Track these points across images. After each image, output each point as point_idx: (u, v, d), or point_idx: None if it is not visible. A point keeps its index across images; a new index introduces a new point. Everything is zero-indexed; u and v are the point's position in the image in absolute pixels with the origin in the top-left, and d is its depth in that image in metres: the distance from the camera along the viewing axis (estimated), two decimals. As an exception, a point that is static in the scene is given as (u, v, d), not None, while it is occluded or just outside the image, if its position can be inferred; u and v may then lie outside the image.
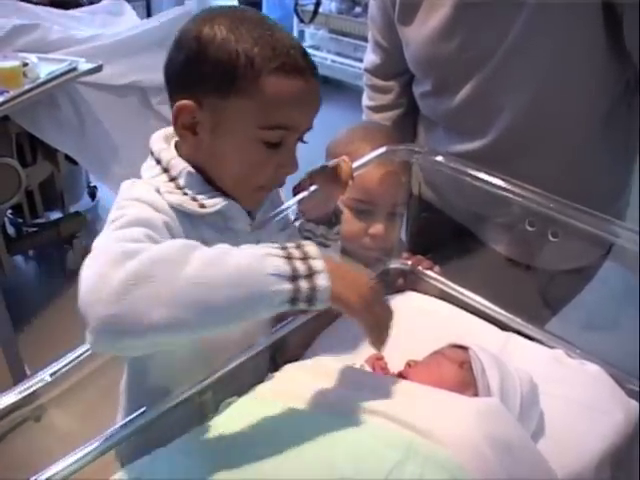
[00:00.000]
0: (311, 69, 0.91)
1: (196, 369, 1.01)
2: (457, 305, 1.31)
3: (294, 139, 0.94)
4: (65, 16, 2.93)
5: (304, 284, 0.79)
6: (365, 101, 1.64)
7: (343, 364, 1.04)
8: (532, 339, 1.24)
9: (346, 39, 4.62)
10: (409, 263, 1.38)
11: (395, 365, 1.09)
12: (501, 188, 1.20)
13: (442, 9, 1.29)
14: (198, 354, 0.99)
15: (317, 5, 4.51)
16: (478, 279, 1.37)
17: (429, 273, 1.37)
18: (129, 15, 3.23)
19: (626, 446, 1.04)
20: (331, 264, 0.83)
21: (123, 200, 0.89)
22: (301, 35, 4.95)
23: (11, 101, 2.15)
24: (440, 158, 1.29)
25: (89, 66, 2.43)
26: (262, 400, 0.99)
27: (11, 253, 2.79)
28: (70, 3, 3.08)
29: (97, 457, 0.89)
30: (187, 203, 0.91)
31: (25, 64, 2.28)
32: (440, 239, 1.48)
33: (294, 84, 0.89)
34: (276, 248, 0.81)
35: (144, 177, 0.96)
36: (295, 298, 0.79)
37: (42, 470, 0.84)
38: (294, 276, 0.78)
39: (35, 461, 0.88)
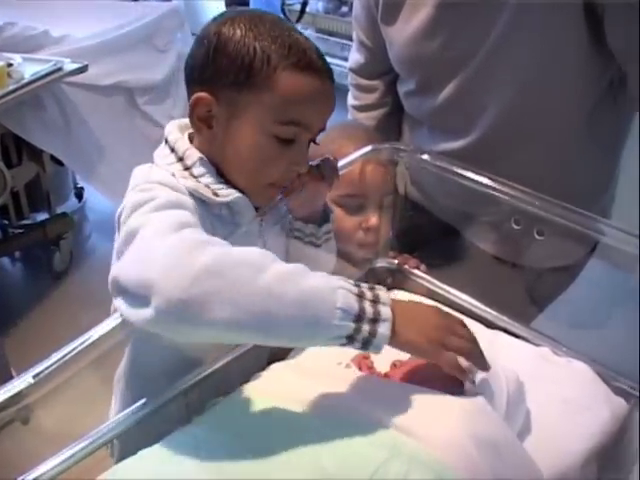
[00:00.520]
0: (326, 70, 0.94)
1: (195, 363, 1.02)
2: (444, 304, 1.30)
3: (307, 138, 0.96)
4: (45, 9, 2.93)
5: (366, 327, 0.80)
6: (350, 100, 1.64)
7: (329, 363, 1.04)
8: (518, 337, 1.24)
9: (333, 39, 4.60)
10: (395, 262, 1.38)
11: (382, 364, 1.09)
12: (486, 186, 1.20)
13: (424, 9, 1.30)
14: (197, 348, 1.00)
15: (304, 5, 4.50)
16: (465, 277, 1.38)
17: (416, 272, 1.36)
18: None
19: (612, 444, 1.04)
20: (400, 307, 0.84)
21: (145, 183, 0.90)
22: (288, 35, 4.94)
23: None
24: (426, 156, 1.29)
25: (74, 66, 2.42)
26: (247, 400, 0.98)
27: (-3, 255, 2.78)
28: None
29: (83, 458, 0.89)
30: (202, 189, 0.93)
31: (9, 64, 2.27)
32: (426, 238, 1.48)
33: (309, 81, 0.91)
34: (350, 284, 0.82)
35: (158, 163, 0.97)
36: (353, 338, 0.80)
37: (29, 470, 0.84)
38: (359, 316, 0.80)
39: (22, 461, 0.87)
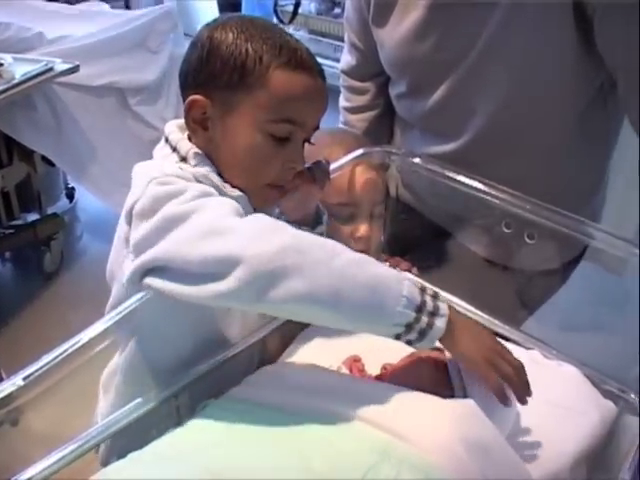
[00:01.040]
0: (318, 69, 0.96)
1: (197, 359, 1.02)
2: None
3: (301, 136, 0.97)
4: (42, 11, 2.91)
5: (425, 318, 0.85)
6: (342, 102, 1.64)
7: (320, 366, 1.04)
8: (509, 340, 1.24)
9: (325, 40, 4.60)
10: (387, 264, 1.38)
11: (372, 366, 1.09)
12: (477, 190, 1.21)
13: (415, 11, 1.30)
14: (199, 346, 1.02)
15: (296, 6, 4.49)
16: (456, 280, 1.38)
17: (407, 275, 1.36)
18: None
19: (602, 447, 1.05)
20: (460, 317, 0.90)
21: (164, 176, 0.90)
22: (280, 36, 4.93)
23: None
24: (417, 160, 1.29)
25: (65, 66, 2.41)
26: (238, 403, 0.98)
27: (-13, 255, 2.77)
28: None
29: (73, 460, 0.88)
30: (215, 179, 0.94)
31: (0, 64, 2.25)
32: (418, 240, 1.48)
33: (301, 79, 0.93)
34: (413, 278, 0.87)
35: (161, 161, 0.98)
36: (411, 326, 0.85)
37: (18, 472, 0.83)
38: (420, 307, 0.84)
39: (11, 464, 0.87)
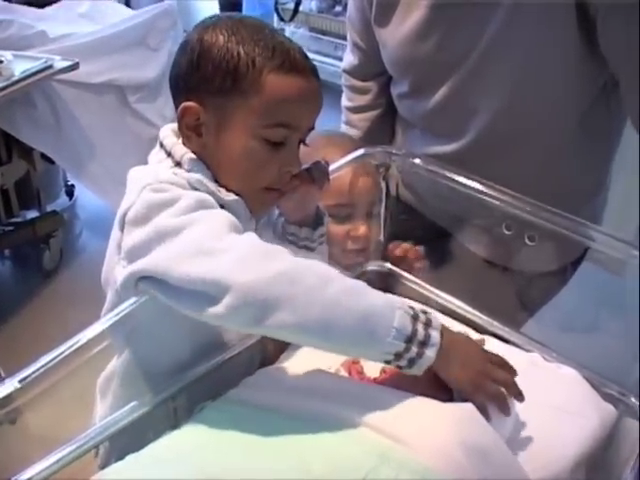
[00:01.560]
0: (311, 69, 0.94)
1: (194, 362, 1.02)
2: (434, 307, 1.31)
3: (296, 138, 0.96)
4: (43, 15, 2.90)
5: (414, 348, 0.84)
6: (344, 102, 1.64)
7: (319, 368, 1.03)
8: (508, 342, 1.24)
9: (326, 38, 4.60)
10: (387, 265, 1.38)
11: (371, 368, 1.08)
12: (478, 191, 1.20)
13: (418, 11, 1.29)
14: (197, 350, 1.01)
15: (297, 4, 4.49)
16: (456, 281, 1.38)
17: (407, 275, 1.36)
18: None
19: (601, 450, 1.04)
20: (449, 337, 0.88)
21: (158, 183, 0.89)
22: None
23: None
24: (418, 161, 1.29)
25: (65, 64, 2.40)
26: (236, 404, 0.98)
27: (-14, 253, 2.77)
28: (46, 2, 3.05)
29: (71, 461, 0.89)
30: (209, 184, 0.93)
31: (0, 61, 2.25)
32: (418, 241, 1.47)
33: (294, 82, 0.91)
34: (406, 305, 0.86)
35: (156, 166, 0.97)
36: (400, 356, 0.84)
37: (16, 473, 0.83)
38: (411, 338, 0.84)
39: (9, 464, 0.87)
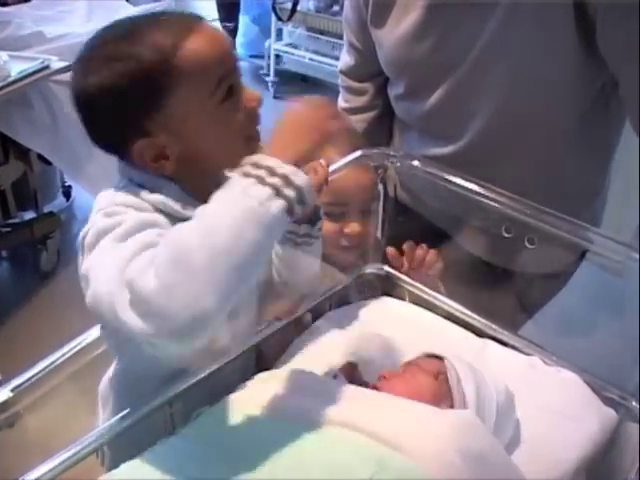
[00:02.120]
0: (197, 17, 0.92)
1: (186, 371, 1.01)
2: (433, 310, 1.30)
3: (236, 80, 0.92)
4: (40, 14, 2.89)
5: (289, 192, 0.81)
6: (340, 103, 1.63)
7: (317, 373, 1.03)
8: (507, 345, 1.23)
9: (324, 37, 4.60)
10: (385, 268, 1.37)
11: (369, 373, 1.07)
12: (477, 193, 1.19)
13: (414, 12, 1.29)
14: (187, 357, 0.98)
15: (295, 3, 4.48)
16: (454, 282, 1.37)
17: (404, 278, 1.35)
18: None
19: (602, 455, 1.04)
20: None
21: (111, 206, 0.87)
22: (279, 33, 4.93)
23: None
24: (416, 162, 1.28)
25: (62, 64, 2.40)
26: (233, 411, 0.97)
27: (-17, 254, 2.77)
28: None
29: (66, 469, 0.87)
30: (170, 203, 0.90)
31: (-5, 62, 2.24)
32: (416, 241, 1.47)
33: (199, 39, 0.88)
34: (242, 179, 0.81)
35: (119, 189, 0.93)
36: (290, 206, 0.81)
37: (18, 476, 0.83)
38: (277, 192, 0.80)
39: (8, 468, 0.87)
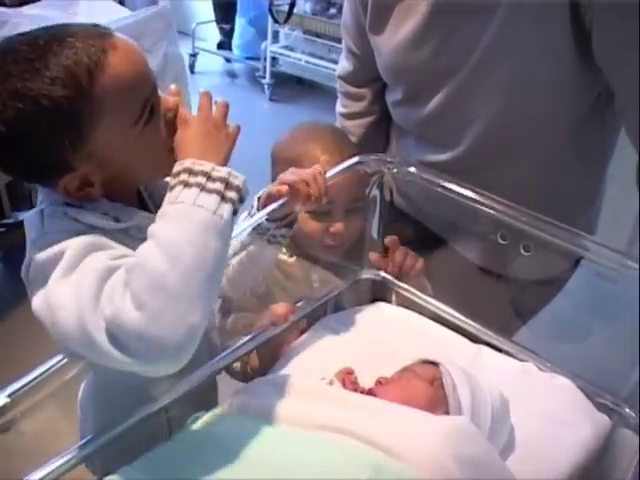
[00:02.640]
0: (106, 31, 0.85)
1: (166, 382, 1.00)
2: (428, 316, 1.31)
3: (157, 96, 0.90)
4: (36, 16, 2.88)
5: (232, 194, 0.82)
6: (338, 108, 1.63)
7: (312, 379, 1.03)
8: (502, 351, 1.24)
9: (320, 40, 4.59)
10: (381, 274, 1.37)
11: (365, 379, 1.08)
12: (474, 200, 1.19)
13: (413, 18, 1.29)
14: None
15: (292, 6, 4.48)
16: (449, 287, 1.37)
17: (399, 283, 1.36)
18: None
19: (596, 461, 1.04)
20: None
21: (43, 236, 0.84)
22: (275, 35, 4.92)
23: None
24: (412, 169, 1.28)
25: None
26: (229, 416, 0.97)
27: (-22, 254, 2.75)
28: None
29: (63, 473, 0.88)
30: (101, 219, 0.88)
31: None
32: (412, 247, 1.47)
33: (116, 61, 0.83)
34: (185, 190, 0.81)
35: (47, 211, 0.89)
36: (236, 208, 0.83)
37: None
38: (222, 197, 0.81)
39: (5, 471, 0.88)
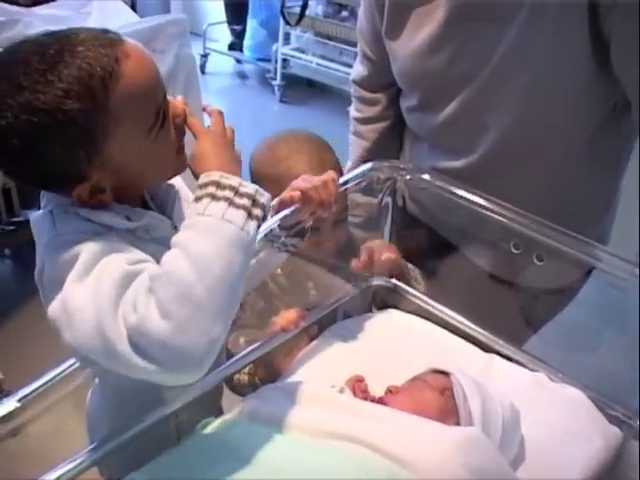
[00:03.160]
0: (117, 38, 0.83)
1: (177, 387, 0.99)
2: (438, 324, 1.30)
3: (167, 102, 0.89)
4: (48, 16, 2.88)
5: (257, 212, 0.82)
6: (352, 112, 1.62)
7: (323, 386, 1.03)
8: (512, 360, 1.23)
9: (332, 43, 4.58)
10: (393, 281, 1.37)
11: (376, 387, 1.07)
12: (486, 209, 1.19)
13: (430, 25, 1.28)
14: None
15: (304, 8, 4.47)
16: (461, 295, 1.37)
17: (412, 291, 1.35)
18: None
19: (606, 473, 1.03)
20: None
21: (55, 237, 0.83)
22: (287, 37, 4.92)
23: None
24: (426, 176, 1.28)
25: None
26: (240, 422, 0.97)
27: (-14, 251, 2.76)
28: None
29: (72, 478, 0.88)
30: (113, 217, 0.87)
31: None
32: (424, 252, 1.47)
33: (129, 70, 0.81)
34: (213, 203, 0.80)
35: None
36: (259, 224, 0.83)
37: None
38: (248, 213, 0.81)
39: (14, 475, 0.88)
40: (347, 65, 4.33)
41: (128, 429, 0.93)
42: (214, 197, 0.81)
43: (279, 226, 1.07)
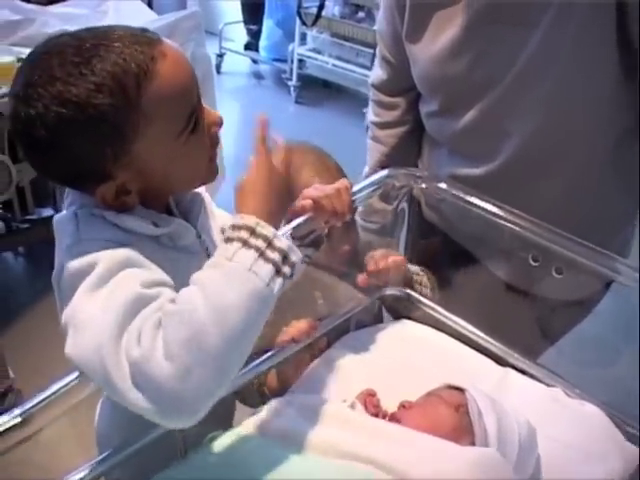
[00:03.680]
0: (155, 38, 0.82)
1: None
2: (452, 335, 1.28)
3: (201, 107, 0.87)
4: (64, 14, 2.88)
5: (286, 269, 0.78)
6: (370, 117, 1.60)
7: (334, 401, 1.01)
8: (526, 373, 1.20)
9: (348, 44, 4.57)
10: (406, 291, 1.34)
11: (388, 402, 1.05)
12: (504, 219, 1.17)
13: (451, 29, 1.26)
14: None
15: (320, 9, 4.46)
16: (476, 304, 1.34)
17: (424, 300, 1.33)
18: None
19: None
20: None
21: (78, 244, 0.81)
22: (303, 38, 4.92)
23: (4, 97, 2.11)
24: (442, 185, 1.25)
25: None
26: (247, 436, 0.95)
27: (0, 249, 2.75)
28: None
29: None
30: (139, 221, 0.85)
31: (19, 59, 2.24)
32: (440, 260, 1.45)
33: (164, 71, 0.80)
34: (243, 250, 0.76)
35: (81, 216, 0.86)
36: (285, 282, 0.79)
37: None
38: (277, 269, 0.77)
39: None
40: (363, 66, 4.33)
41: (135, 442, 0.91)
42: (245, 243, 0.77)
43: (291, 235, 1.05)
